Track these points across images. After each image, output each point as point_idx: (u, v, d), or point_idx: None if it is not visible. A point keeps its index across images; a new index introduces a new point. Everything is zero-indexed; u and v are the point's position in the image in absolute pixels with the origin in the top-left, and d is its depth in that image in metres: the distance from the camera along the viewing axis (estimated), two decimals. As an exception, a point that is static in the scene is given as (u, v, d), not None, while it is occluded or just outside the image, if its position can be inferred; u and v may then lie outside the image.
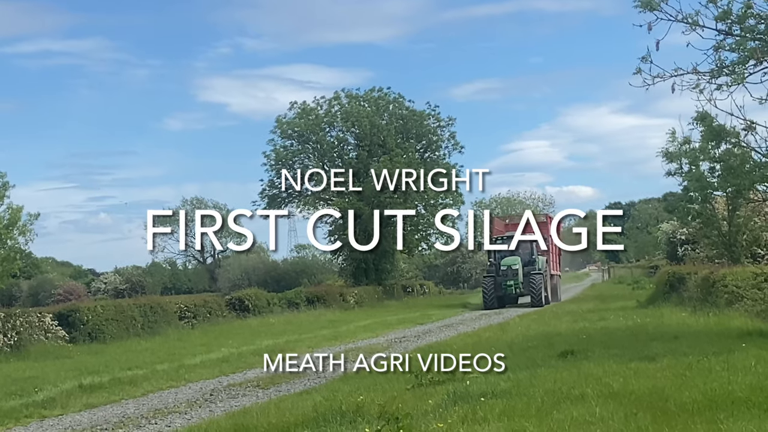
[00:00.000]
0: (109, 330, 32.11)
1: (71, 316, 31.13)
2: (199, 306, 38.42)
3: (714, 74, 16.60)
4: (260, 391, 16.93)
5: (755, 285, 24.30)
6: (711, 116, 17.51)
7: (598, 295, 49.19)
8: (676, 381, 11.81)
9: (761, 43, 16.31)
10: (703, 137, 19.55)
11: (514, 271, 44.53)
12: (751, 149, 18.16)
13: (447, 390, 12.52)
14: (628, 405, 10.24)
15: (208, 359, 23.31)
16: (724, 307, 24.09)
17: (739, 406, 9.71)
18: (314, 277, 63.92)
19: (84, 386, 18.42)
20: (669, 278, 32.94)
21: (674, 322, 22.44)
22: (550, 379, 12.95)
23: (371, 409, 10.97)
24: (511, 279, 44.53)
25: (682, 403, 10.15)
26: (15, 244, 31.94)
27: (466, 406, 10.98)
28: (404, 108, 60.09)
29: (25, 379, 20.66)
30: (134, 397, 17.10)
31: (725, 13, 16.27)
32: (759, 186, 20.47)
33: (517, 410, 10.40)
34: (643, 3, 16.47)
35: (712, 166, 23.60)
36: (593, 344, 18.16)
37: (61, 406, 16.28)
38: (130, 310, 33.94)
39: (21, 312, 30.55)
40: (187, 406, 15.54)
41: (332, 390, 14.88)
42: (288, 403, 13.83)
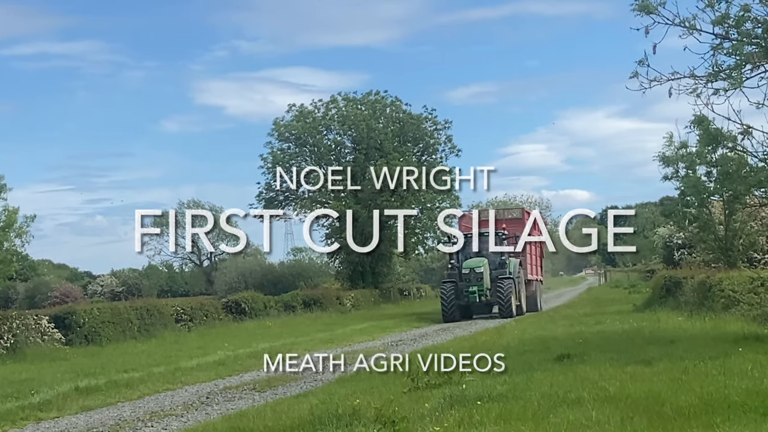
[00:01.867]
0: (105, 332, 32.08)
1: (67, 319, 31.11)
2: (196, 309, 38.40)
3: (711, 78, 16.63)
4: (257, 394, 16.92)
5: (751, 289, 24.34)
6: (708, 120, 17.53)
7: (595, 299, 49.22)
8: (672, 385, 11.81)
9: (758, 47, 16.33)
10: (699, 141, 19.58)
11: (478, 275, 38.00)
12: (748, 154, 18.19)
13: (443, 393, 12.52)
14: (625, 409, 10.24)
15: (205, 362, 23.30)
16: (720, 312, 24.12)
17: (736, 411, 9.71)
18: (311, 280, 63.92)
19: (80, 389, 18.41)
20: (665, 282, 32.95)
21: (671, 326, 22.46)
22: (547, 382, 12.95)
23: (368, 412, 10.97)
24: (474, 284, 37.96)
25: (678, 407, 10.15)
26: (11, 246, 31.91)
27: (462, 410, 10.97)
28: (401, 111, 60.14)
29: (21, 382, 20.63)
30: (130, 399, 17.09)
31: (722, 17, 16.30)
32: (755, 191, 20.51)
33: (514, 414, 10.40)
34: (640, 6, 16.50)
35: (709, 171, 23.67)
36: (590, 348, 18.17)
37: (57, 408, 16.27)
38: (126, 313, 33.91)
39: (17, 314, 30.51)
40: (184, 408, 15.53)
41: (328, 393, 14.88)
42: (284, 406, 13.82)
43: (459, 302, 37.72)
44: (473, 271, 37.80)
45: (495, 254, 38.09)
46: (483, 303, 38.28)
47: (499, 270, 38.52)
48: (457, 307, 37.49)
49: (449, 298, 37.53)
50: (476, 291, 37.68)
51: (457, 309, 37.45)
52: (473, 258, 37.95)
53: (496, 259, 38.79)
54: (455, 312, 37.33)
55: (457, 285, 37.90)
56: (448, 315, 37.18)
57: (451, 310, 37.37)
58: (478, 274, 37.79)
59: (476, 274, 37.80)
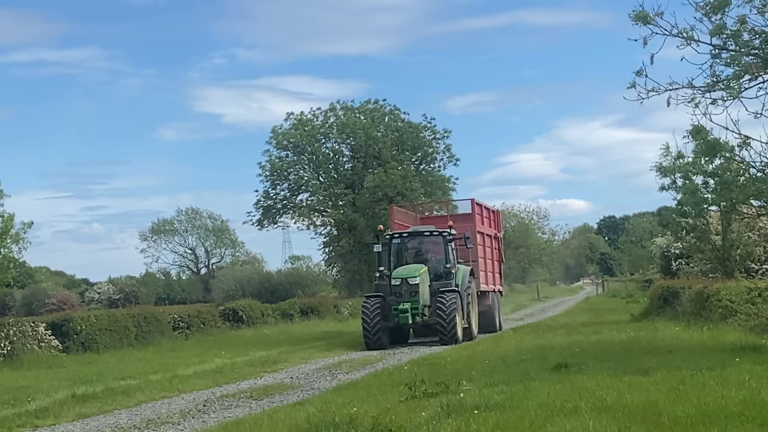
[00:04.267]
0: (102, 340, 32.08)
1: (65, 326, 31.12)
2: (193, 316, 38.41)
3: (709, 88, 16.68)
4: (253, 402, 16.90)
5: (749, 300, 24.37)
6: (706, 130, 17.56)
7: (592, 309, 49.22)
8: (669, 395, 11.82)
9: (756, 57, 16.37)
10: (696, 151, 19.61)
11: (412, 288, 28.31)
12: (748, 165, 18.21)
13: (440, 402, 12.51)
14: (622, 419, 10.24)
15: (202, 370, 23.30)
16: (717, 322, 24.14)
17: (733, 421, 9.71)
18: (308, 288, 63.93)
19: (77, 396, 18.39)
20: (663, 292, 32.97)
21: (668, 336, 22.47)
22: (544, 392, 12.95)
23: (364, 420, 10.95)
24: (407, 299, 28.19)
25: (675, 417, 10.15)
26: (8, 253, 31.87)
27: (459, 419, 10.96)
28: (400, 120, 60.22)
29: (18, 389, 20.63)
30: (127, 407, 17.07)
31: (719, 27, 16.34)
32: (754, 201, 20.53)
33: (511, 423, 10.39)
34: (638, 17, 16.54)
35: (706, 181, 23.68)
36: (587, 357, 18.17)
37: (54, 415, 16.25)
38: (123, 320, 33.93)
39: (14, 321, 30.54)
40: (180, 416, 15.51)
41: (325, 401, 14.86)
42: (281, 414, 13.81)
43: (387, 324, 28.41)
44: (406, 282, 28.40)
45: (437, 260, 30.28)
46: (419, 324, 29.04)
47: (443, 281, 29.52)
48: (384, 331, 28.23)
49: (373, 319, 28.09)
50: (408, 309, 28.08)
51: (384, 333, 28.23)
52: (409, 265, 29.64)
53: (438, 267, 30.14)
54: (381, 336, 28.11)
55: (384, 300, 28.55)
56: (372, 340, 28.04)
57: (376, 334, 28.06)
58: (412, 287, 28.34)
59: (410, 286, 28.35)
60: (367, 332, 28.15)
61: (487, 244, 36.52)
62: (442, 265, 30.03)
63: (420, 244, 30.69)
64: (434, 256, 30.37)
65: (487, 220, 37.51)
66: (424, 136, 59.79)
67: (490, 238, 37.53)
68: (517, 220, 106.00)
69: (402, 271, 29.02)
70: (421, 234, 30.90)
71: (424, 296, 28.65)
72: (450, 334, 28.13)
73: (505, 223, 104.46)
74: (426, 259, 30.10)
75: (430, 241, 30.60)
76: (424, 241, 30.67)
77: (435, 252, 30.46)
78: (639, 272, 77.19)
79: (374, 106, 60.13)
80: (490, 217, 38.30)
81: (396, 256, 30.17)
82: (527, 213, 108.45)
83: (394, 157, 57.74)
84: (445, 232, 30.28)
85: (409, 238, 30.80)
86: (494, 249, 37.99)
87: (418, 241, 30.72)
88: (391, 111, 60.38)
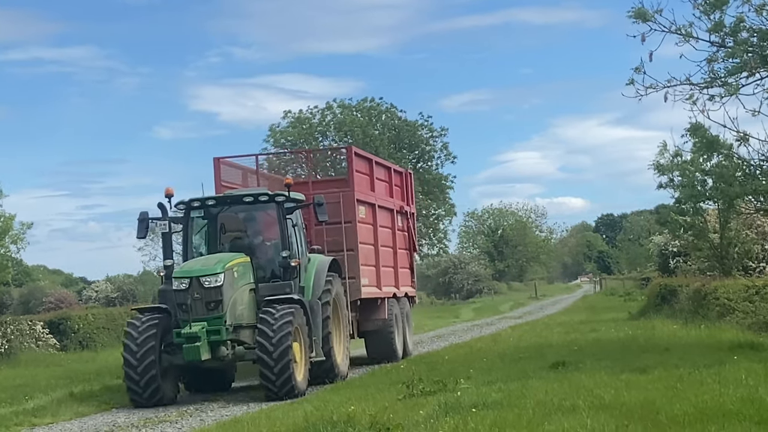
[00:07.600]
0: (100, 338, 32.06)
1: (62, 324, 31.10)
2: (191, 315, 38.30)
3: (707, 85, 16.70)
4: (251, 400, 16.88)
5: (747, 298, 24.34)
6: (704, 127, 17.56)
7: (590, 307, 49.20)
8: (667, 393, 11.81)
9: (754, 54, 16.39)
10: (694, 149, 19.59)
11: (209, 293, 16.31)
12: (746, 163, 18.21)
13: (438, 400, 12.51)
14: (620, 417, 10.24)
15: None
16: (715, 320, 24.12)
17: (730, 419, 9.70)
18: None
19: (75, 394, 18.38)
20: (661, 290, 32.95)
21: (666, 334, 22.46)
22: (542, 390, 12.95)
23: (362, 419, 10.95)
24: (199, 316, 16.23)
25: (673, 415, 10.15)
26: (6, 252, 31.88)
27: (457, 417, 10.96)
28: (397, 118, 60.23)
29: (16, 387, 20.63)
30: (125, 405, 17.04)
31: (718, 24, 16.35)
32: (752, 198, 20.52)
33: (508, 421, 10.39)
34: (636, 14, 16.55)
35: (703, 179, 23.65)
36: (585, 356, 18.17)
37: (52, 414, 16.23)
38: (121, 319, 33.81)
39: (12, 320, 30.53)
40: (178, 415, 15.49)
41: (323, 400, 14.85)
42: (279, 412, 13.80)
43: (173, 360, 16.60)
44: (197, 284, 16.32)
45: (270, 246, 18.34)
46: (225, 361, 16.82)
47: (277, 283, 17.61)
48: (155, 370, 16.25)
49: (141, 354, 16.24)
50: (201, 334, 16.01)
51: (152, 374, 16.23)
52: (215, 254, 17.63)
53: (273, 257, 18.10)
54: (150, 380, 16.25)
55: (160, 320, 16.70)
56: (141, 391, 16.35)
57: (147, 377, 16.25)
58: (209, 292, 16.33)
59: (205, 291, 16.31)
60: (131, 377, 16.37)
61: (381, 222, 22.89)
62: (278, 255, 17.80)
63: (241, 220, 18.41)
64: (266, 240, 18.53)
65: (384, 185, 24.12)
66: (421, 134, 59.80)
67: (391, 213, 24.02)
68: (514, 218, 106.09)
69: (192, 265, 17.05)
70: (239, 201, 18.13)
71: (235, 309, 16.78)
72: (281, 379, 15.96)
73: (502, 221, 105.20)
74: (250, 245, 18.12)
75: (258, 214, 18.64)
76: (247, 213, 18.51)
77: (267, 233, 18.57)
78: (637, 270, 77.14)
79: (371, 104, 60.17)
80: (389, 179, 24.55)
81: (202, 239, 18.68)
82: (525, 211, 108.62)
83: (392, 155, 57.72)
84: (279, 197, 17.90)
85: (220, 207, 18.26)
86: (399, 231, 24.69)
87: (237, 214, 18.40)
88: (388, 109, 60.41)
